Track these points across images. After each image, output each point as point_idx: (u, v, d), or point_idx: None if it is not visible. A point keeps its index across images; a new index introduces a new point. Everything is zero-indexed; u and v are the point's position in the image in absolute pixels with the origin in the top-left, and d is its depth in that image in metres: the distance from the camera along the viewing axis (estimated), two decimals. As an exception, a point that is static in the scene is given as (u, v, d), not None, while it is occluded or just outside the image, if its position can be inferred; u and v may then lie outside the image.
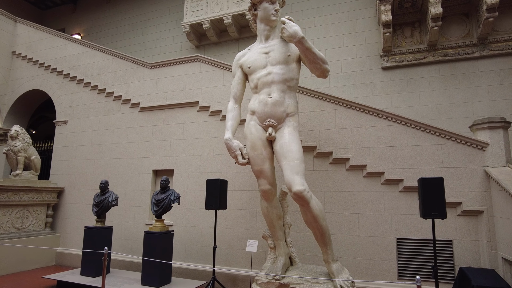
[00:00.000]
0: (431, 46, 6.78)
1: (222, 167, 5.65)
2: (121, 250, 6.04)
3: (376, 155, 4.69)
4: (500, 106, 6.26)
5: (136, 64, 6.75)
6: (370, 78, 7.27)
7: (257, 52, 4.29)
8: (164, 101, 6.32)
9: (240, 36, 8.77)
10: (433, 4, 6.24)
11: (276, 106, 4.00)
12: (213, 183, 4.52)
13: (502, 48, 6.37)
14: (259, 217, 5.23)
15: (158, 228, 4.85)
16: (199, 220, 5.65)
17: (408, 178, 4.48)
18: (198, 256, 5.55)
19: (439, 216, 3.27)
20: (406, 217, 4.47)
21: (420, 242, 4.36)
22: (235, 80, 4.46)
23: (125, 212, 6.23)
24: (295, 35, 3.76)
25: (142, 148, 6.37)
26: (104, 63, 7.15)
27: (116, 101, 6.82)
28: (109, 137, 6.71)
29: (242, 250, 5.24)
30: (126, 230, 6.16)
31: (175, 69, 6.36)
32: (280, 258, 4.08)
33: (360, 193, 4.72)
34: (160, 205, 4.87)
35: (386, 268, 4.46)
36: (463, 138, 4.32)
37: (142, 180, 6.24)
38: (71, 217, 6.80)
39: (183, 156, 6.01)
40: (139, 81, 6.65)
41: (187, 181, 5.89)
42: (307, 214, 3.66)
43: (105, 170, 6.60)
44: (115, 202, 5.38)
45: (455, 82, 6.60)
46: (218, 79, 5.94)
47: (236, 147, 4.05)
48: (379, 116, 4.75)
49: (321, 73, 4.00)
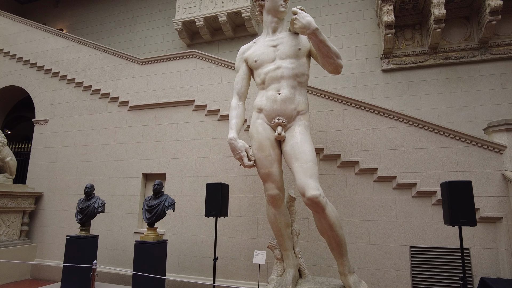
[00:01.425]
0: (432, 49, 6.66)
1: (220, 170, 5.25)
2: (106, 261, 5.50)
3: (387, 158, 4.42)
4: (502, 110, 6.17)
5: (126, 59, 6.29)
6: (370, 81, 7.08)
7: (264, 45, 3.96)
8: (156, 99, 5.88)
9: (235, 35, 8.44)
10: (436, 5, 6.12)
11: (286, 103, 3.67)
12: (214, 188, 4.12)
13: (503, 52, 6.32)
14: (261, 225, 4.85)
15: (151, 237, 4.39)
16: (194, 228, 5.21)
17: (422, 182, 4.24)
18: (193, 267, 5.10)
19: (468, 223, 3.01)
20: (420, 224, 4.21)
21: (435, 251, 4.10)
22: (239, 75, 4.10)
23: (112, 219, 5.71)
24: (309, 26, 3.45)
25: (131, 150, 5.88)
26: (90, 58, 6.64)
27: (103, 99, 6.31)
28: (95, 138, 6.19)
29: (242, 261, 4.84)
30: (113, 239, 5.63)
31: (168, 66, 5.94)
32: (289, 270, 3.71)
33: (371, 198, 4.43)
34: (153, 212, 4.42)
35: (399, 278, 4.17)
36: (479, 140, 4.12)
37: (130, 184, 5.74)
38: (50, 225, 6.19)
39: (177, 158, 5.57)
40: (128, 78, 6.18)
41: (181, 185, 5.45)
42: (322, 222, 3.32)
43: (89, 174, 6.05)
44: (101, 208, 4.87)
45: (457, 85, 6.49)
46: (216, 76, 5.57)
47: (242, 148, 3.68)
48: (390, 117, 4.51)
49: (334, 69, 3.69)
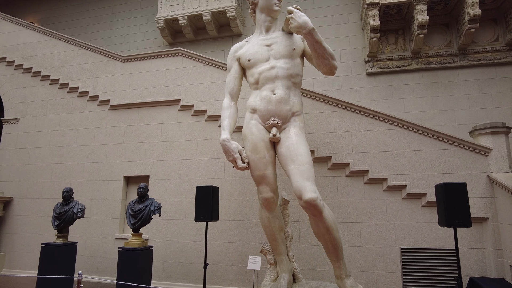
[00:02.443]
0: (414, 54, 6.83)
1: (207, 173, 5.08)
2: (85, 269, 5.17)
3: (377, 160, 4.44)
4: (480, 114, 6.41)
5: (106, 56, 5.98)
6: (355, 84, 7.16)
7: (258, 44, 3.86)
8: (139, 98, 5.63)
9: (219, 35, 8.28)
10: (419, 11, 6.29)
11: (281, 103, 3.58)
12: (204, 191, 3.95)
13: (480, 59, 6.58)
14: (251, 229, 4.73)
15: (136, 244, 4.15)
16: (180, 233, 5.00)
17: (412, 184, 4.28)
18: (178, 274, 4.89)
19: (464, 224, 3.04)
20: (410, 225, 4.25)
21: (425, 252, 4.15)
22: (231, 75, 3.97)
23: (91, 224, 5.38)
24: (305, 26, 3.37)
25: (112, 151, 5.58)
26: (67, 54, 6.27)
27: (81, 98, 5.96)
28: (72, 139, 5.82)
29: (231, 266, 4.69)
30: (92, 245, 5.30)
31: (152, 64, 5.71)
32: (283, 275, 3.61)
33: (361, 200, 4.43)
34: (138, 217, 4.18)
35: (391, 280, 4.19)
36: (466, 143, 4.22)
37: (111, 187, 5.44)
38: (21, 232, 5.75)
39: (161, 160, 5.34)
40: (109, 76, 5.87)
41: (166, 189, 5.22)
42: (319, 225, 3.25)
43: (66, 177, 5.68)
44: (81, 213, 4.56)
45: (438, 90, 6.69)
46: (203, 75, 5.40)
47: (235, 149, 3.55)
48: (380, 119, 4.53)
49: (328, 70, 3.64)
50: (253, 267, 3.33)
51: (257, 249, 4.61)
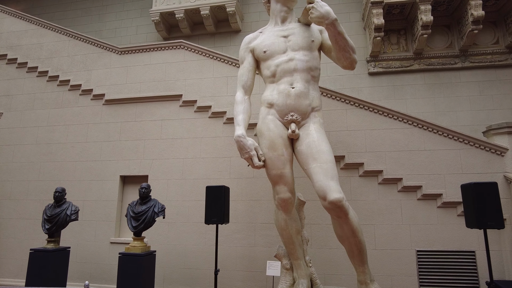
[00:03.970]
0: (417, 54, 6.79)
1: (212, 172, 4.80)
2: (76, 276, 4.77)
3: (392, 160, 4.30)
4: (481, 116, 6.43)
5: (101, 48, 5.60)
6: (357, 83, 7.05)
7: (274, 35, 3.64)
8: (137, 93, 5.28)
9: (217, 31, 8.01)
10: (423, 11, 6.24)
11: (300, 98, 3.37)
12: (215, 191, 3.68)
13: (481, 60, 6.61)
14: (259, 232, 4.48)
15: (139, 249, 3.82)
16: (182, 237, 4.69)
17: (427, 185, 4.16)
18: (180, 280, 4.57)
19: (496, 226, 2.91)
20: (425, 227, 4.12)
21: (441, 254, 4.02)
22: (244, 67, 3.73)
23: (83, 228, 4.97)
24: (328, 16, 3.17)
25: (106, 149, 5.21)
26: (58, 44, 5.84)
27: (73, 91, 5.54)
28: (63, 135, 5.40)
29: (238, 271, 4.42)
30: (84, 251, 4.90)
31: (152, 56, 5.38)
32: (301, 281, 3.38)
33: (376, 201, 4.27)
34: (140, 219, 3.86)
35: (406, 284, 4.03)
36: (482, 143, 4.14)
37: (106, 188, 5.06)
38: (3, 236, 5.25)
39: (161, 159, 5.02)
40: (104, 69, 5.50)
41: (166, 189, 4.90)
42: (344, 228, 3.06)
43: (55, 176, 5.25)
44: (75, 215, 4.18)
45: (440, 91, 6.67)
46: (207, 70, 5.12)
47: (251, 146, 3.31)
48: (394, 117, 4.40)
49: (349, 64, 3.46)
50: (273, 273, 3.09)
51: (266, 253, 4.38)
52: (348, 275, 4.14)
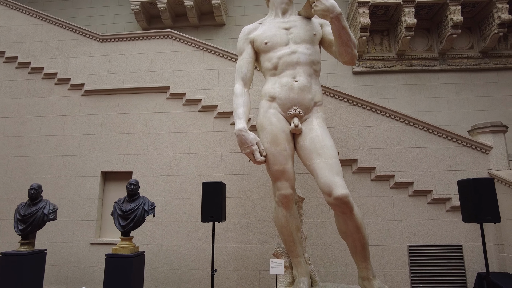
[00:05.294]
0: (399, 56, 6.98)
1: (202, 168, 4.61)
2: (51, 281, 4.38)
3: (385, 156, 4.35)
4: (458, 116, 6.73)
5: (80, 34, 5.19)
6: (341, 82, 7.12)
7: (275, 27, 3.54)
8: (121, 83, 4.96)
9: (200, 24, 7.76)
10: (407, 14, 6.42)
11: (304, 92, 3.30)
12: (212, 188, 3.50)
13: (457, 64, 6.92)
14: (251, 229, 4.36)
15: (128, 250, 3.55)
16: (170, 236, 4.46)
17: (418, 181, 4.25)
18: (168, 282, 4.34)
19: (493, 220, 3.01)
20: (416, 222, 4.21)
21: (432, 249, 4.13)
22: (243, 59, 3.58)
23: (59, 228, 4.58)
24: (333, 10, 3.10)
25: (86, 143, 4.83)
26: (29, 28, 5.34)
27: (47, 80, 5.09)
28: (35, 127, 4.94)
29: (230, 271, 4.28)
30: (60, 253, 4.51)
31: (137, 45, 5.07)
32: (302, 279, 3.31)
33: (369, 198, 4.31)
34: (129, 218, 3.59)
35: (399, 279, 4.10)
36: (468, 141, 4.30)
37: (85, 185, 4.70)
38: (-36, 239, 4.72)
39: (147, 154, 4.74)
40: (84, 57, 5.10)
41: (152, 186, 4.64)
42: (348, 224, 3.02)
43: (26, 172, 4.79)
44: (53, 215, 3.81)
45: (420, 91, 6.90)
46: (197, 61, 4.91)
47: (253, 141, 3.17)
48: (386, 115, 4.46)
49: (350, 59, 3.43)
50: (276, 272, 2.98)
51: (259, 252, 4.28)
52: (342, 272, 4.13)
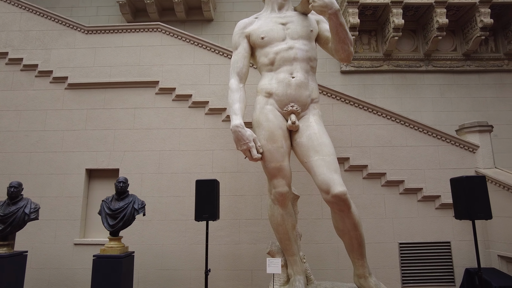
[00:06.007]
0: (386, 56, 7.09)
1: (192, 166, 4.49)
2: (31, 284, 4.14)
3: (376, 155, 4.38)
4: (442, 117, 6.91)
5: (63, 25, 4.94)
6: (329, 81, 7.15)
7: (272, 22, 3.48)
8: (107, 77, 4.75)
9: (188, 18, 7.59)
10: (395, 14, 6.52)
11: (301, 88, 3.26)
12: (206, 185, 3.41)
13: (442, 65, 7.10)
14: (243, 228, 4.29)
15: (117, 250, 3.40)
16: (159, 236, 4.32)
17: (409, 179, 4.31)
18: (156, 283, 4.20)
19: (485, 217, 3.07)
20: (407, 220, 4.27)
21: (421, 246, 4.20)
22: (239, 53, 3.50)
23: (40, 228, 4.34)
24: (331, 6, 3.08)
25: (69, 138, 4.61)
26: (6, 16, 5.03)
27: (26, 72, 4.81)
28: (13, 122, 4.66)
29: (221, 270, 4.19)
30: (41, 254, 4.28)
31: (124, 38, 4.87)
32: (297, 277, 3.27)
33: (360, 195, 4.32)
34: (118, 217, 3.44)
35: (390, 276, 4.14)
36: (457, 140, 4.40)
37: (69, 183, 4.48)
38: None
39: (134, 151, 4.57)
40: (67, 49, 4.85)
41: (140, 184, 4.48)
42: (345, 222, 3.01)
43: (3, 169, 4.52)
44: (34, 214, 3.59)
45: (406, 91, 7.03)
46: (187, 56, 4.78)
47: (250, 137, 3.11)
48: (378, 114, 4.49)
49: (346, 56, 3.42)
50: (273, 271, 2.93)
51: (251, 251, 4.21)
52: (334, 270, 4.13)
